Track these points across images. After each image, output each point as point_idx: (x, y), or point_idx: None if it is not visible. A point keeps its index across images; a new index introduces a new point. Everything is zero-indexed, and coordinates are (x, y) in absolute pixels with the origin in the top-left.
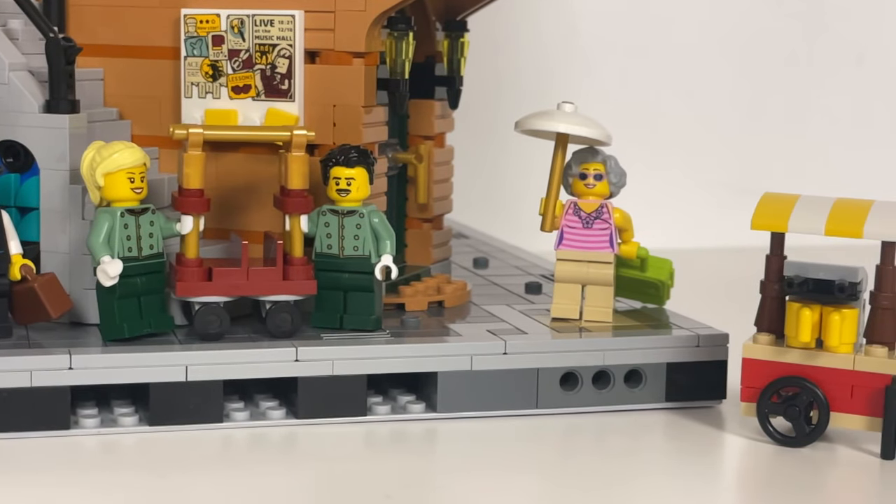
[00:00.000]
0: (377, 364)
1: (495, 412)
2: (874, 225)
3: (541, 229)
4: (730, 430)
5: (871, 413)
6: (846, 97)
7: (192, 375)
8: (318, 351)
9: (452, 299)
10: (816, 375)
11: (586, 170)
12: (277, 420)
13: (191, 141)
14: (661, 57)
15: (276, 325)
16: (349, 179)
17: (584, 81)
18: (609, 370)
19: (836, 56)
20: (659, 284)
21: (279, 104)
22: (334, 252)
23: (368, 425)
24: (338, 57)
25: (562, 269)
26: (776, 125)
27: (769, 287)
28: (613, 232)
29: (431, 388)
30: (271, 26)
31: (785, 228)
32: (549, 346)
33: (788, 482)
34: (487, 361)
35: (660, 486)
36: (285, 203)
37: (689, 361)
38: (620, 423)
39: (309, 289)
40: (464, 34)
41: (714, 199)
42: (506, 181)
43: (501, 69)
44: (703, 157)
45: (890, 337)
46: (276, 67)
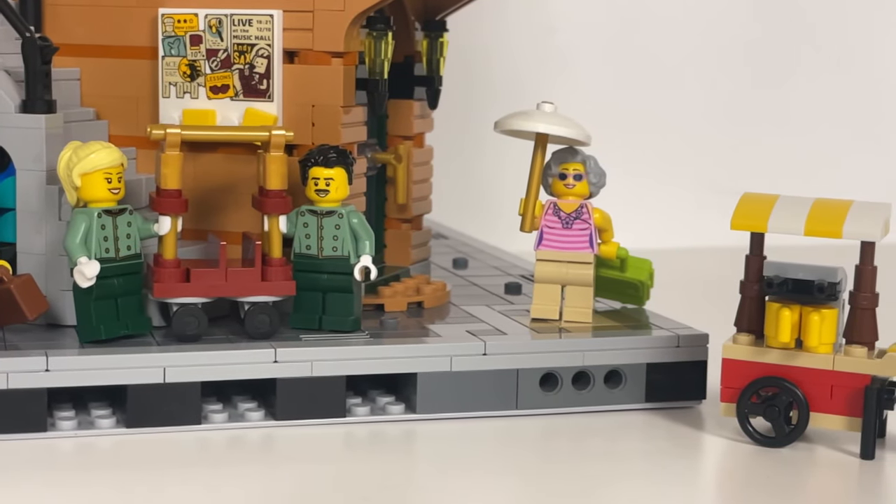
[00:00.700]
0: (356, 365)
1: (475, 413)
2: (853, 225)
3: (520, 230)
4: (709, 431)
5: (850, 413)
6: (825, 98)
7: (170, 377)
8: (296, 352)
9: (432, 300)
10: (796, 375)
11: (566, 170)
12: (256, 422)
13: (168, 141)
14: (641, 57)
15: (254, 326)
16: (328, 180)
17: (564, 81)
18: (589, 371)
19: (816, 58)
20: (639, 285)
21: (257, 104)
22: (313, 253)
23: (347, 426)
24: (316, 57)
25: (541, 270)
26: (756, 125)
27: (749, 287)
28: (593, 232)
29: (411, 390)
30: (249, 26)
31: (764, 229)
32: (529, 346)
33: (768, 482)
34: (467, 362)
35: (640, 486)
36: (264, 203)
37: (669, 362)
38: (600, 423)
39: (287, 289)
40: (443, 34)
41: (694, 199)
42: (485, 181)
43: (481, 69)
44: (682, 157)
45: (869, 337)
46: (255, 67)
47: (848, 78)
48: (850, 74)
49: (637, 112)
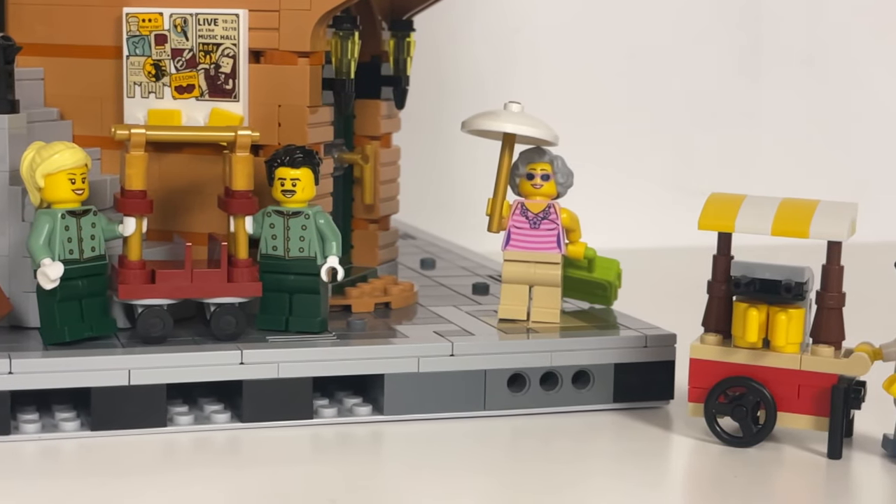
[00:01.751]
0: (323, 366)
1: (442, 414)
2: (820, 225)
3: (488, 230)
4: (677, 431)
5: (817, 413)
6: (793, 98)
7: (135, 379)
8: (263, 353)
9: (399, 300)
10: (763, 375)
11: (533, 170)
12: (222, 424)
13: (133, 141)
14: (608, 56)
15: (220, 327)
16: (294, 180)
17: (531, 81)
18: (557, 371)
19: (784, 57)
20: (606, 285)
21: (223, 104)
22: (279, 253)
23: (314, 428)
24: (283, 56)
25: (509, 270)
26: (723, 125)
27: (716, 287)
28: (561, 232)
29: (378, 391)
30: (215, 25)
31: (732, 228)
32: (497, 347)
33: (735, 482)
34: (434, 363)
35: (607, 487)
36: (229, 204)
37: (637, 362)
38: (568, 424)
39: (254, 291)
40: (410, 34)
41: (661, 199)
42: (453, 181)
43: (448, 69)
44: (650, 157)
45: (836, 336)
46: (221, 67)
47: (816, 77)
48: (818, 74)
49: (604, 112)
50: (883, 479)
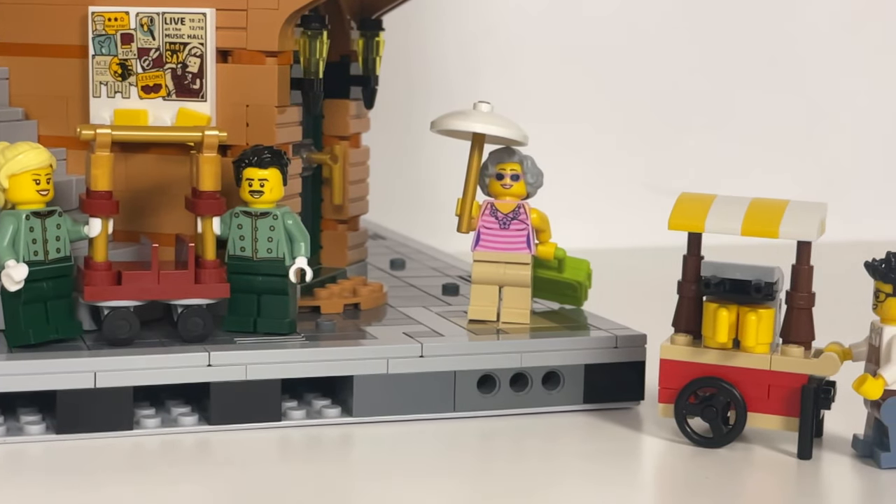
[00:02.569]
0: (291, 368)
1: (412, 416)
2: (789, 225)
3: (457, 230)
4: (647, 432)
5: (787, 413)
6: (761, 98)
7: (101, 382)
8: (230, 355)
9: (368, 301)
10: (733, 376)
11: (503, 170)
12: (189, 427)
13: (99, 142)
14: (578, 56)
15: (187, 329)
16: (262, 181)
17: (501, 81)
18: (527, 372)
19: (751, 58)
20: (576, 285)
21: (190, 104)
22: (247, 254)
23: (283, 431)
24: (250, 56)
25: (479, 271)
26: (693, 125)
27: (686, 287)
28: (530, 233)
29: (347, 392)
30: (182, 24)
31: (702, 229)
32: (466, 348)
33: (706, 483)
34: (404, 364)
35: (578, 488)
36: (197, 205)
37: (607, 363)
38: (538, 425)
39: (221, 292)
40: (379, 33)
41: (631, 199)
42: (422, 182)
43: (417, 68)
44: (620, 157)
45: (806, 336)
46: (188, 66)
47: (783, 78)
48: (785, 75)
49: (574, 112)
50: (853, 480)
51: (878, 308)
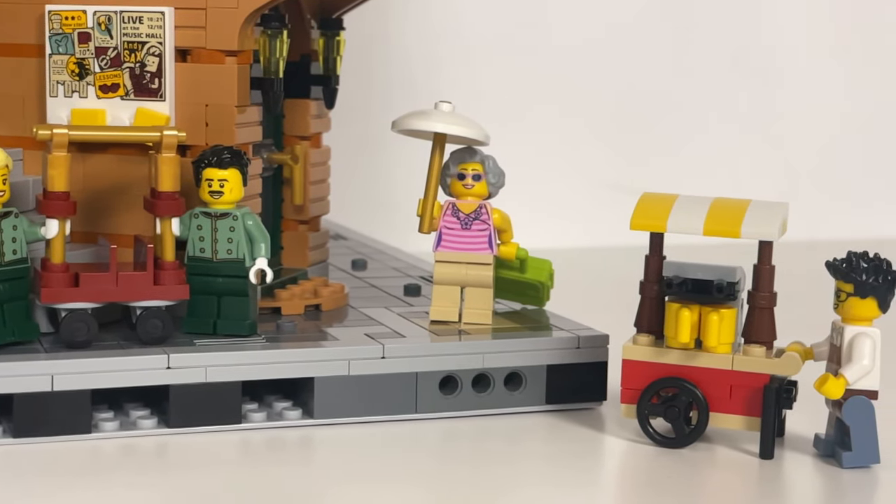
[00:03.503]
0: (252, 370)
1: (374, 417)
2: (751, 225)
3: (419, 231)
4: (610, 432)
5: (749, 413)
6: (723, 97)
7: (59, 385)
8: (190, 357)
9: (330, 302)
10: (695, 376)
11: (464, 170)
12: (148, 430)
13: (55, 142)
14: (541, 55)
15: (146, 331)
16: (222, 181)
17: (463, 80)
18: (489, 373)
19: (711, 56)
20: (539, 285)
21: (149, 104)
22: (207, 256)
23: (243, 433)
24: (210, 55)
25: (440, 271)
26: (654, 124)
27: (648, 287)
28: (492, 233)
29: (308, 394)
30: (140, 23)
31: (664, 229)
32: (428, 349)
33: (668, 483)
34: (365, 366)
35: (541, 489)
36: (155, 206)
37: (570, 363)
38: (500, 426)
39: (181, 293)
40: (339, 32)
41: (593, 198)
42: (384, 182)
43: (378, 68)
44: (582, 156)
45: (767, 336)
46: (146, 66)
47: (743, 77)
48: (745, 73)
49: (535, 111)
50: (814, 479)
51: (839, 308)
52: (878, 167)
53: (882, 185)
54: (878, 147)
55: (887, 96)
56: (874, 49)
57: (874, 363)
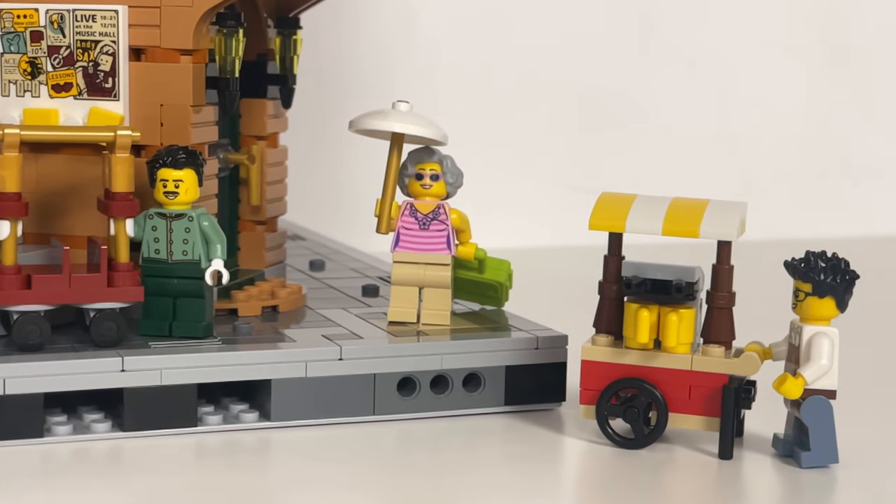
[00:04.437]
0: (208, 372)
1: (331, 419)
2: (710, 225)
3: (377, 231)
4: (569, 433)
5: (708, 413)
6: (680, 98)
7: (11, 388)
8: (145, 360)
9: (287, 304)
10: (655, 376)
11: (422, 170)
12: (102, 433)
13: (7, 142)
14: (499, 55)
15: (100, 333)
16: (177, 181)
17: (421, 80)
18: (447, 374)
19: (669, 57)
20: (497, 286)
21: (103, 103)
22: (162, 257)
23: (199, 436)
24: (164, 54)
25: (398, 272)
26: (613, 124)
27: (607, 288)
28: (451, 233)
29: (265, 397)
30: (93, 22)
31: (622, 229)
32: (386, 350)
33: (628, 484)
34: (322, 368)
35: (499, 491)
36: (109, 206)
37: (529, 364)
38: (459, 427)
39: (135, 295)
40: (296, 31)
41: (552, 198)
42: (342, 182)
43: (336, 67)
44: (540, 156)
45: (726, 336)
46: (100, 65)
47: (701, 77)
48: (703, 75)
49: (493, 111)
50: (773, 479)
51: (797, 307)
52: (836, 167)
53: (840, 185)
54: (835, 147)
55: (844, 96)
56: (831, 49)
57: (832, 363)
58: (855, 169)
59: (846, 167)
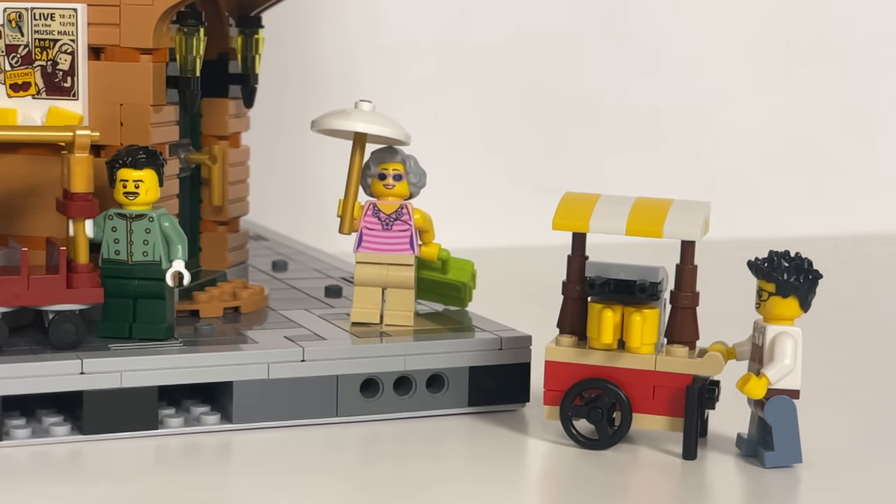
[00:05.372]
0: (169, 375)
1: (294, 421)
2: (673, 225)
3: (339, 231)
4: (533, 434)
5: (672, 413)
6: (642, 96)
7: None
8: (105, 362)
9: (249, 305)
10: (619, 377)
11: (385, 170)
12: (62, 437)
13: None
14: (460, 54)
15: (59, 336)
16: (137, 182)
17: (384, 79)
18: (410, 375)
19: (633, 55)
20: (461, 286)
21: (62, 103)
22: (122, 258)
23: (160, 439)
24: (124, 53)
25: (361, 273)
26: (576, 123)
27: (571, 288)
28: (414, 233)
29: (227, 399)
30: (52, 20)
31: (586, 229)
32: (349, 352)
33: (592, 485)
34: (285, 369)
35: (463, 492)
36: (68, 207)
37: (492, 365)
38: (423, 429)
39: (95, 297)
40: (258, 30)
41: (516, 198)
42: (304, 181)
43: (297, 66)
44: (504, 156)
45: (690, 336)
46: (58, 64)
47: (665, 76)
48: (664, 73)
49: (456, 110)
50: (737, 479)
51: (760, 307)
52: (799, 166)
53: (803, 184)
54: (798, 146)
55: (805, 95)
56: (794, 50)
57: (796, 362)
58: (818, 168)
59: (810, 166)
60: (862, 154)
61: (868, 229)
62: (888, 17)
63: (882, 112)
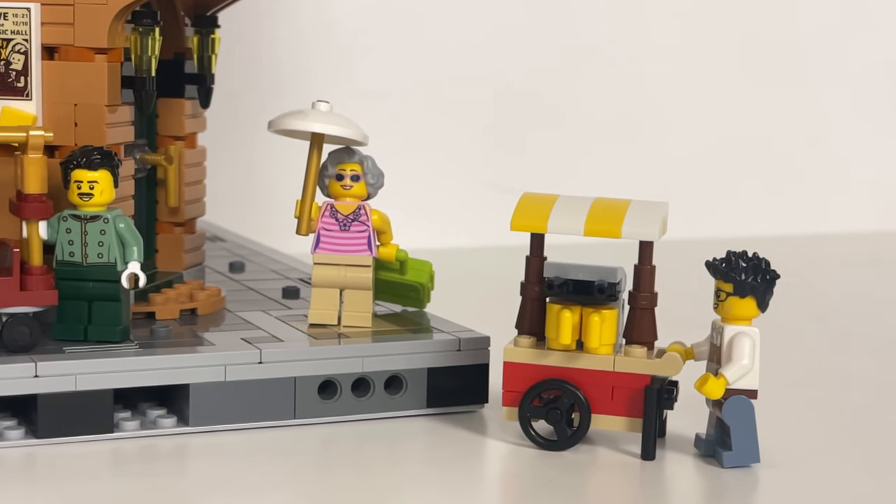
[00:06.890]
0: (124, 377)
1: (251, 424)
2: (632, 225)
3: (297, 232)
4: (492, 436)
5: (631, 414)
6: (600, 96)
7: None
8: (59, 365)
9: (206, 306)
10: (577, 377)
11: (343, 170)
12: (15, 441)
13: None
14: (419, 53)
15: (12, 338)
16: (92, 183)
17: (342, 79)
18: (369, 377)
19: (591, 55)
20: (419, 287)
21: (15, 103)
22: (77, 260)
23: (115, 443)
24: (78, 53)
25: (319, 274)
26: (534, 123)
27: (529, 289)
28: (371, 234)
29: (183, 401)
30: (5, 20)
31: (544, 229)
32: (307, 353)
33: (551, 486)
34: (242, 371)
35: (421, 494)
36: (21, 208)
37: (451, 366)
38: (381, 430)
39: (49, 299)
40: (214, 30)
41: (473, 198)
42: (261, 182)
43: (254, 66)
44: (462, 156)
45: (648, 337)
46: (11, 64)
47: (621, 76)
48: (623, 74)
49: (414, 110)
50: (696, 479)
51: (719, 307)
52: (755, 166)
53: (760, 185)
54: (755, 146)
55: (762, 95)
56: (749, 49)
57: (754, 362)
58: (775, 168)
59: (766, 167)
60: (817, 154)
61: (824, 229)
62: (841, 19)
63: (835, 113)
